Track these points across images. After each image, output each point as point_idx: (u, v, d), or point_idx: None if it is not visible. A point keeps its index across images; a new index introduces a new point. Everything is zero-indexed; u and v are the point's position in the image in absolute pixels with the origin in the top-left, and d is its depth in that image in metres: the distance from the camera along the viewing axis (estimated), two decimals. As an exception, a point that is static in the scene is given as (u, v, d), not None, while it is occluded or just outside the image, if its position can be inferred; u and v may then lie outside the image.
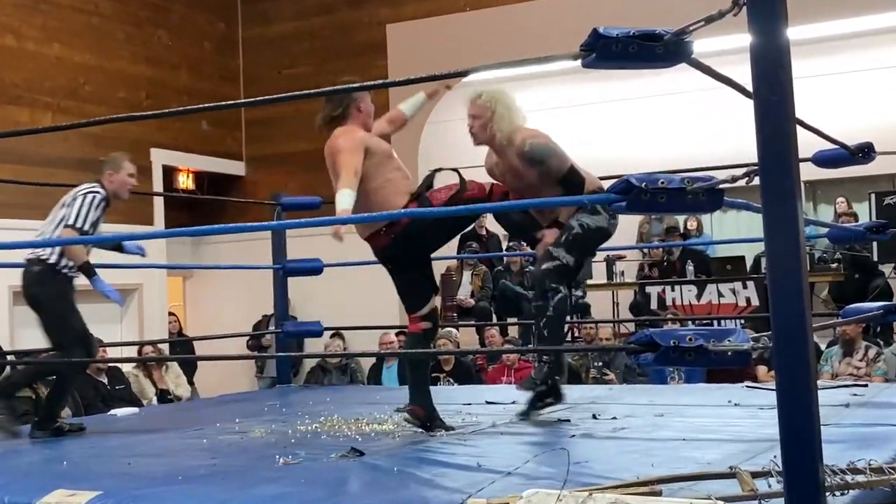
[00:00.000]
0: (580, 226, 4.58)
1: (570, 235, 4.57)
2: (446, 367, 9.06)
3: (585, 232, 4.58)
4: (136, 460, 4.02)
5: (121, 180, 5.70)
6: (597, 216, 4.59)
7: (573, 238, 4.57)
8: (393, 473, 3.45)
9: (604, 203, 2.81)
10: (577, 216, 4.60)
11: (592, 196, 2.83)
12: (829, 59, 10.89)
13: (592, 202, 2.81)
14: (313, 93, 3.59)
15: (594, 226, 4.60)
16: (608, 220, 4.63)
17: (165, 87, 11.37)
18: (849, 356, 7.65)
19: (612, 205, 2.78)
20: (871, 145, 4.93)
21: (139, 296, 10.91)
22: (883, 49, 11.12)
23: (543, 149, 4.62)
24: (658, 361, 2.74)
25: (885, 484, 2.63)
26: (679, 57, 2.82)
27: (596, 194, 4.53)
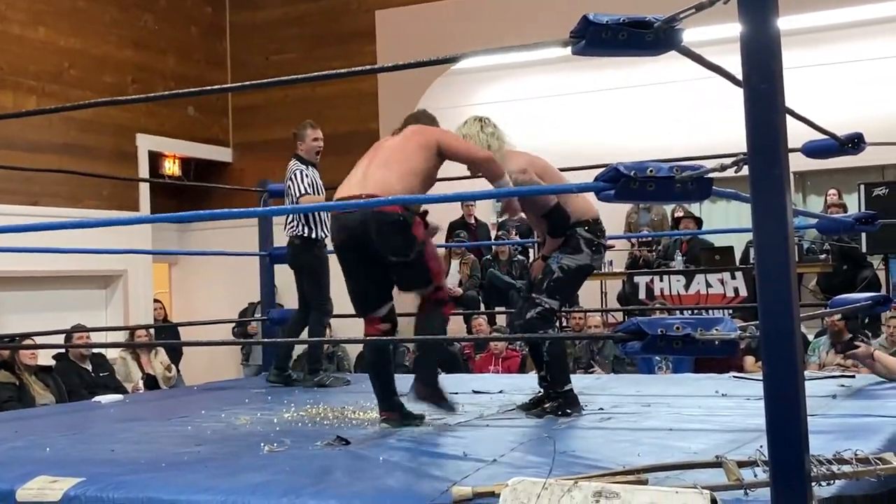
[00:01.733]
0: (560, 269, 4.63)
1: (550, 281, 4.62)
2: (433, 356, 9.03)
3: (566, 274, 4.63)
4: (120, 447, 4.00)
5: (307, 146, 6.63)
6: (578, 255, 4.63)
7: (554, 282, 4.62)
8: (378, 462, 3.43)
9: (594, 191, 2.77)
10: (558, 257, 4.65)
11: (581, 184, 2.81)
12: (819, 50, 10.89)
13: (581, 190, 2.79)
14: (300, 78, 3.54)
15: (574, 266, 4.64)
16: (591, 257, 4.67)
17: (152, 72, 11.29)
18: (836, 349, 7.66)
19: (601, 193, 2.76)
20: (860, 136, 4.91)
21: (124, 282, 10.86)
22: (873, 40, 11.13)
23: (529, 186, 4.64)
24: (645, 350, 2.73)
25: (871, 474, 2.62)
26: (669, 45, 2.80)
27: (590, 226, 4.64)
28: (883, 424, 3.84)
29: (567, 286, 4.69)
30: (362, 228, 4.22)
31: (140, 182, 10.88)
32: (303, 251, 6.50)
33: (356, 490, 2.96)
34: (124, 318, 10.73)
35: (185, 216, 8.91)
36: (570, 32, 2.80)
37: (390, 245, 4.24)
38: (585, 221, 4.68)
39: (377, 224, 4.19)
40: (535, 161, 4.77)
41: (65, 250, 6.67)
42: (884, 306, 5.36)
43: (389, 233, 4.21)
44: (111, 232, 8.89)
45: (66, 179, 9.58)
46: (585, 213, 4.71)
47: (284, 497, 2.91)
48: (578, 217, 4.68)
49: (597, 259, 4.73)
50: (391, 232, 4.21)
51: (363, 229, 4.22)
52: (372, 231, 4.21)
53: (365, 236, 4.24)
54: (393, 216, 4.18)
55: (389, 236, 4.22)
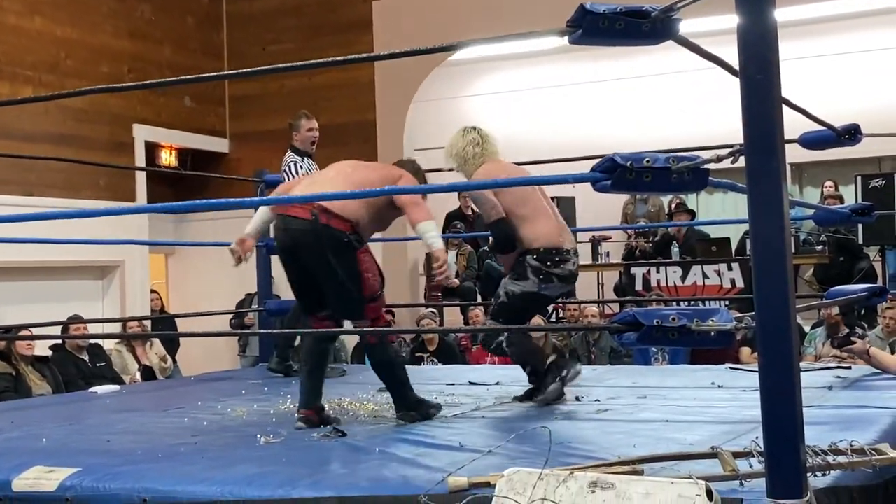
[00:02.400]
0: (505, 293, 4.71)
1: (496, 304, 4.75)
2: (430, 347, 9.05)
3: (510, 299, 4.69)
4: (116, 438, 4.00)
5: (303, 137, 6.57)
6: (523, 282, 4.64)
7: (499, 306, 4.72)
8: (374, 453, 3.44)
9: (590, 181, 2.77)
10: (505, 283, 4.72)
11: (577, 174, 2.80)
12: (815, 41, 10.89)
13: (578, 180, 2.78)
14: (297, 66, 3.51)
15: (519, 292, 4.67)
16: (538, 285, 4.64)
17: (148, 62, 11.26)
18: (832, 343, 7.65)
19: (598, 183, 2.75)
20: (857, 127, 4.90)
21: (121, 273, 10.85)
22: (870, 31, 11.12)
23: (476, 196, 4.77)
24: (641, 341, 2.73)
25: (866, 465, 2.62)
26: (666, 34, 2.79)
27: (539, 255, 4.63)
28: (879, 416, 3.84)
29: (511, 311, 4.69)
30: (308, 238, 4.16)
31: (136, 172, 10.86)
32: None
33: (352, 481, 2.97)
34: (121, 308, 10.72)
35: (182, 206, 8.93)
36: (567, 22, 2.78)
37: (326, 262, 4.17)
38: (535, 249, 4.66)
39: (324, 238, 4.13)
40: (509, 170, 4.82)
41: (61, 241, 6.65)
42: (880, 297, 5.36)
43: (330, 249, 4.14)
44: (108, 222, 8.88)
45: (62, 169, 9.57)
46: (538, 240, 4.67)
47: (280, 488, 2.91)
48: (529, 244, 4.69)
49: (547, 288, 4.67)
50: (332, 249, 4.14)
51: (308, 239, 4.16)
52: (313, 242, 4.15)
53: (307, 247, 4.18)
54: (341, 231, 4.14)
55: (328, 252, 4.15)
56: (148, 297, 11.16)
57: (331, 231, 4.13)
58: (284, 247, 4.32)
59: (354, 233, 4.19)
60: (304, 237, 4.17)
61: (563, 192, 9.52)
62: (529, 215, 4.69)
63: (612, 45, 2.84)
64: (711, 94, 10.21)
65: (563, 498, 2.44)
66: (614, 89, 11.99)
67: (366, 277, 4.22)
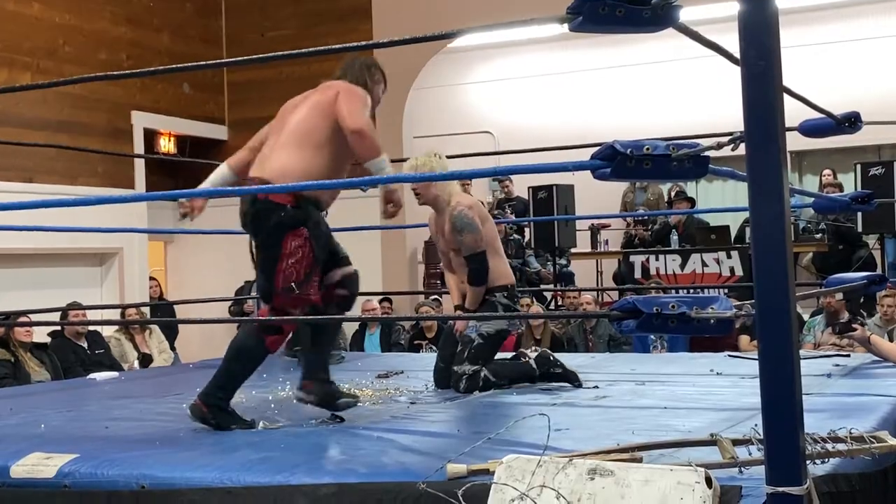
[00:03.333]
0: (480, 336, 4.76)
1: (472, 349, 4.74)
2: (429, 335, 9.06)
3: (486, 340, 4.77)
4: (114, 424, 4.00)
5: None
6: (494, 321, 4.76)
7: (476, 349, 4.74)
8: (373, 440, 3.44)
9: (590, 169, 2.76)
10: (476, 325, 4.75)
11: (577, 162, 2.79)
12: (815, 29, 10.86)
13: (578, 168, 2.77)
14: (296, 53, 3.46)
15: (494, 331, 4.80)
16: (507, 322, 4.87)
17: (146, 49, 11.23)
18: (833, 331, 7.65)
19: (597, 171, 2.74)
20: (857, 115, 4.88)
21: (120, 260, 10.84)
22: (870, 19, 11.09)
23: (467, 222, 4.73)
24: (640, 328, 2.72)
25: (865, 452, 2.62)
26: (666, 22, 2.77)
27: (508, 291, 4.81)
28: (878, 404, 3.85)
29: (487, 350, 4.79)
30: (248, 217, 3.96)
31: (135, 159, 10.84)
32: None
33: (350, 468, 2.96)
34: (119, 295, 10.72)
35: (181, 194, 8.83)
36: (567, 8, 2.77)
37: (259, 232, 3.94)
38: (504, 287, 4.84)
39: (261, 212, 3.88)
40: (480, 209, 4.92)
41: (60, 228, 6.65)
42: (879, 286, 5.35)
43: (263, 227, 3.90)
44: (106, 209, 8.87)
45: (60, 156, 9.55)
46: (504, 277, 4.85)
47: (279, 474, 2.91)
48: (496, 281, 4.82)
49: (514, 324, 5.01)
50: (265, 227, 3.89)
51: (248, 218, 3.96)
52: (251, 221, 3.94)
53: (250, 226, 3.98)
54: (277, 207, 3.83)
55: (261, 231, 3.92)
56: (147, 285, 11.15)
57: (268, 206, 3.81)
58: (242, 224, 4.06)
59: (296, 206, 3.83)
60: (245, 216, 3.94)
61: (562, 180, 9.52)
62: (500, 252, 4.92)
63: (613, 32, 2.83)
64: (711, 81, 10.20)
65: (562, 485, 2.44)
66: (614, 77, 11.97)
67: (281, 267, 3.85)
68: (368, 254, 10.76)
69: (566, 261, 10.61)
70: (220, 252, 11.53)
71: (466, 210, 4.73)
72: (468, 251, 4.76)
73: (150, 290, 11.18)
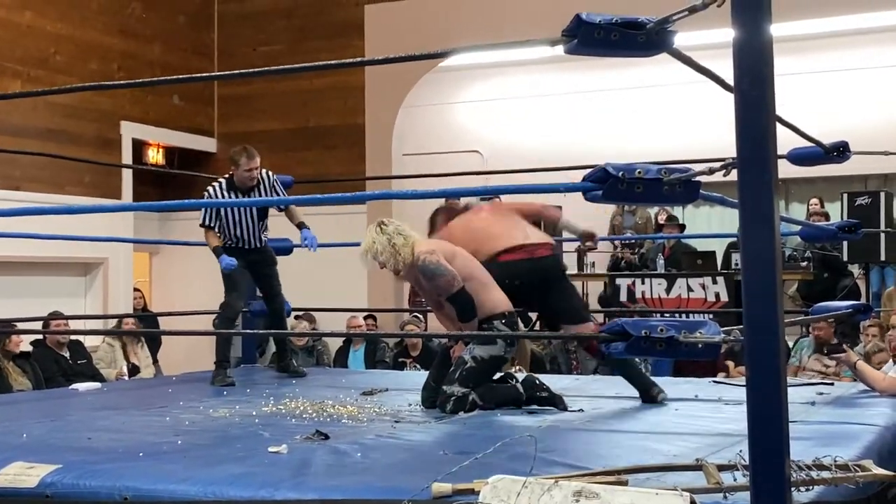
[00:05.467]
0: (473, 359, 4.74)
1: (463, 370, 4.73)
2: (413, 353, 9.04)
3: (479, 364, 4.75)
4: (97, 435, 3.97)
5: (239, 175, 6.33)
6: (490, 346, 4.76)
7: (467, 372, 4.73)
8: (357, 458, 3.42)
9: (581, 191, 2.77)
10: (471, 348, 4.76)
11: (569, 184, 2.81)
12: (804, 59, 10.93)
13: (569, 190, 2.78)
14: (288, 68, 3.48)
15: (488, 356, 4.77)
16: (504, 349, 4.84)
17: (138, 60, 11.22)
18: (820, 353, 7.68)
19: (589, 193, 2.75)
20: (845, 144, 4.93)
21: (104, 270, 10.79)
22: (860, 50, 11.17)
23: (432, 269, 4.73)
24: (629, 351, 2.73)
25: (850, 481, 2.63)
26: (660, 46, 2.80)
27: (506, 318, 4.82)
28: (861, 432, 3.86)
29: (479, 375, 4.78)
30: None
31: (123, 169, 10.81)
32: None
33: (335, 484, 2.96)
34: (103, 306, 10.67)
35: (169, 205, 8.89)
36: (563, 31, 2.79)
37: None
38: (501, 314, 4.83)
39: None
40: (444, 246, 4.92)
41: (46, 236, 6.63)
42: (864, 314, 5.39)
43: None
44: (92, 219, 8.85)
45: (48, 165, 9.52)
46: (499, 305, 4.85)
47: (263, 489, 2.90)
48: (493, 309, 4.82)
49: (510, 351, 4.94)
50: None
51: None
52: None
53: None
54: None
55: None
56: (131, 295, 11.11)
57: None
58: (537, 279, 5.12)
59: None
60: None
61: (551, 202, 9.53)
62: (488, 282, 4.89)
63: (607, 55, 2.85)
64: (703, 107, 10.23)
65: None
66: (605, 100, 12.00)
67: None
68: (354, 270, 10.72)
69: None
70: (204, 264, 11.45)
71: (429, 257, 4.72)
72: (446, 294, 4.77)
73: (135, 301, 11.13)
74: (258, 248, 6.52)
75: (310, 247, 6.41)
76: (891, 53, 11.10)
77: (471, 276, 4.82)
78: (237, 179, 6.36)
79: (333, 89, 11.42)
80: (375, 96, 11.37)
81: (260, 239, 6.51)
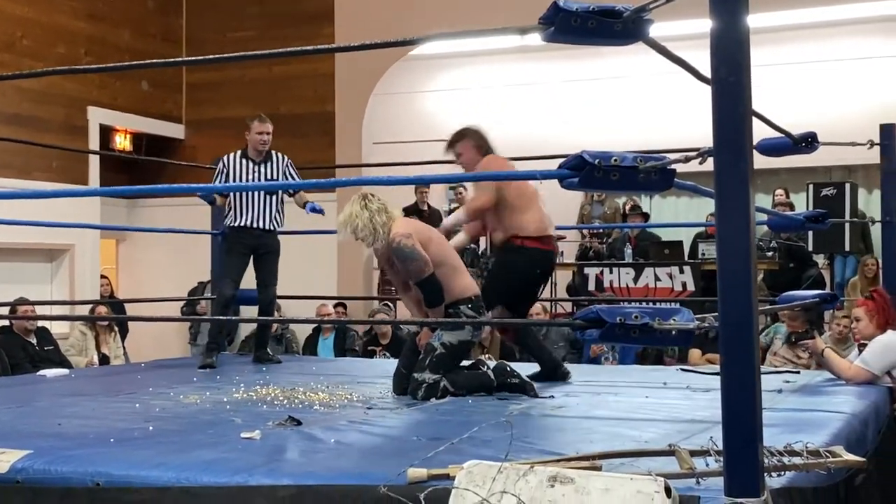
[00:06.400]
0: (442, 345, 4.78)
1: (433, 357, 4.76)
2: (383, 341, 9.05)
3: (449, 350, 4.79)
4: (67, 421, 3.94)
5: (251, 139, 6.48)
6: (459, 331, 4.80)
7: (437, 358, 4.75)
8: (330, 443, 3.42)
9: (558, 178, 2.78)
10: (439, 334, 4.79)
11: (545, 171, 2.82)
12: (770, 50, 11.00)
13: (545, 177, 2.79)
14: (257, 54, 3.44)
15: (456, 342, 4.81)
16: (472, 333, 4.88)
17: (106, 45, 11.10)
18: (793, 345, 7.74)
19: (565, 181, 2.76)
20: (814, 135, 4.98)
21: (71, 257, 10.70)
22: (827, 41, 11.27)
23: (407, 252, 4.74)
24: (604, 338, 2.75)
25: (821, 467, 2.66)
26: (636, 35, 2.80)
27: (472, 303, 4.85)
28: (828, 419, 3.90)
29: (449, 360, 4.81)
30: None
31: (90, 155, 10.71)
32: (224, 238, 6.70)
33: (310, 470, 2.95)
34: (70, 293, 10.58)
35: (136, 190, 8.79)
36: (540, 19, 2.79)
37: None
38: (468, 298, 4.87)
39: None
40: (421, 230, 4.94)
41: (11, 222, 6.56)
42: (831, 304, 5.45)
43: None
44: (59, 205, 8.76)
45: (15, 151, 9.41)
46: (467, 290, 4.89)
47: (237, 475, 2.89)
48: (460, 294, 4.85)
49: (477, 335, 5.01)
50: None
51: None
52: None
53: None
54: None
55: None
56: (98, 282, 11.02)
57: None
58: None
59: None
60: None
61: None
62: (459, 266, 4.94)
63: (584, 43, 2.86)
64: (675, 98, 10.28)
65: (522, 491, 2.45)
66: (575, 90, 12.03)
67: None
68: (324, 259, 10.73)
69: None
70: (172, 252, 11.44)
71: (405, 240, 4.73)
72: (415, 278, 4.79)
73: (101, 288, 11.05)
74: (269, 231, 6.52)
75: (319, 212, 6.45)
76: (853, 45, 11.23)
77: (443, 261, 4.84)
78: (250, 144, 6.46)
79: (304, 77, 11.37)
80: (346, 84, 11.33)
81: (273, 221, 6.51)
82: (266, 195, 6.42)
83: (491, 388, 4.79)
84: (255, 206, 6.43)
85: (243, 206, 6.42)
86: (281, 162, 6.53)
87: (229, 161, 6.47)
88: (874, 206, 10.50)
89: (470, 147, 5.37)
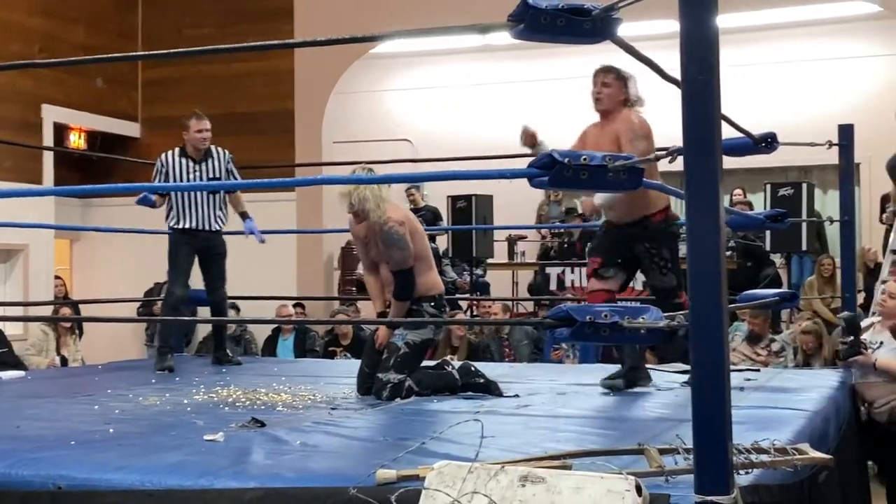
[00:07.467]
0: (406, 344, 4.78)
1: (398, 357, 4.75)
2: (344, 342, 9.00)
3: (412, 349, 4.80)
4: (26, 424, 3.88)
5: (190, 137, 6.34)
6: (421, 329, 4.83)
7: (402, 358, 4.75)
8: (296, 445, 3.39)
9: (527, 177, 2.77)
10: (403, 334, 4.79)
11: (515, 170, 2.81)
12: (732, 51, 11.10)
13: (515, 176, 2.78)
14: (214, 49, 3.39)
15: (420, 340, 4.84)
16: (433, 332, 4.95)
17: (61, 42, 10.92)
18: (753, 343, 7.81)
19: (535, 179, 2.75)
20: (773, 135, 5.03)
21: (24, 257, 10.53)
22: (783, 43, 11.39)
23: (397, 238, 4.73)
24: (574, 337, 2.74)
25: (788, 464, 2.68)
26: (605, 34, 2.80)
27: (435, 301, 4.87)
28: (791, 417, 3.94)
29: (413, 359, 4.82)
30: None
31: (44, 153, 10.54)
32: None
33: (277, 472, 2.92)
34: (23, 293, 10.41)
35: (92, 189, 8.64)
36: (509, 16, 2.78)
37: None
38: (431, 297, 4.88)
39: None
40: (412, 219, 4.95)
41: (-36, 222, 6.45)
42: (791, 302, 5.49)
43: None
44: (12, 204, 8.61)
45: (-33, 149, 9.25)
46: (432, 288, 4.90)
47: (202, 477, 2.85)
48: (426, 291, 4.86)
49: (438, 333, 5.04)
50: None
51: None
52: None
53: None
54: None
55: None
56: (52, 283, 10.85)
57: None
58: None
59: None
60: None
61: (482, 190, 9.56)
62: (431, 263, 4.94)
63: (553, 41, 2.85)
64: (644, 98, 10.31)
65: (493, 491, 2.43)
66: (535, 89, 12.02)
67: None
68: (284, 258, 10.65)
69: (482, 271, 10.64)
70: (128, 252, 11.27)
71: (398, 227, 4.71)
72: (396, 267, 4.76)
73: (56, 288, 10.88)
74: (215, 232, 6.39)
75: (256, 237, 6.33)
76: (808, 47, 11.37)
77: (421, 256, 4.83)
78: (189, 143, 6.31)
79: (262, 74, 11.27)
80: (305, 82, 11.25)
81: (216, 220, 6.37)
82: (209, 194, 6.27)
83: (456, 388, 4.78)
84: (199, 207, 6.28)
85: (186, 206, 6.27)
86: (222, 157, 6.37)
87: (168, 160, 6.30)
88: (829, 206, 10.65)
89: (620, 88, 5.32)
